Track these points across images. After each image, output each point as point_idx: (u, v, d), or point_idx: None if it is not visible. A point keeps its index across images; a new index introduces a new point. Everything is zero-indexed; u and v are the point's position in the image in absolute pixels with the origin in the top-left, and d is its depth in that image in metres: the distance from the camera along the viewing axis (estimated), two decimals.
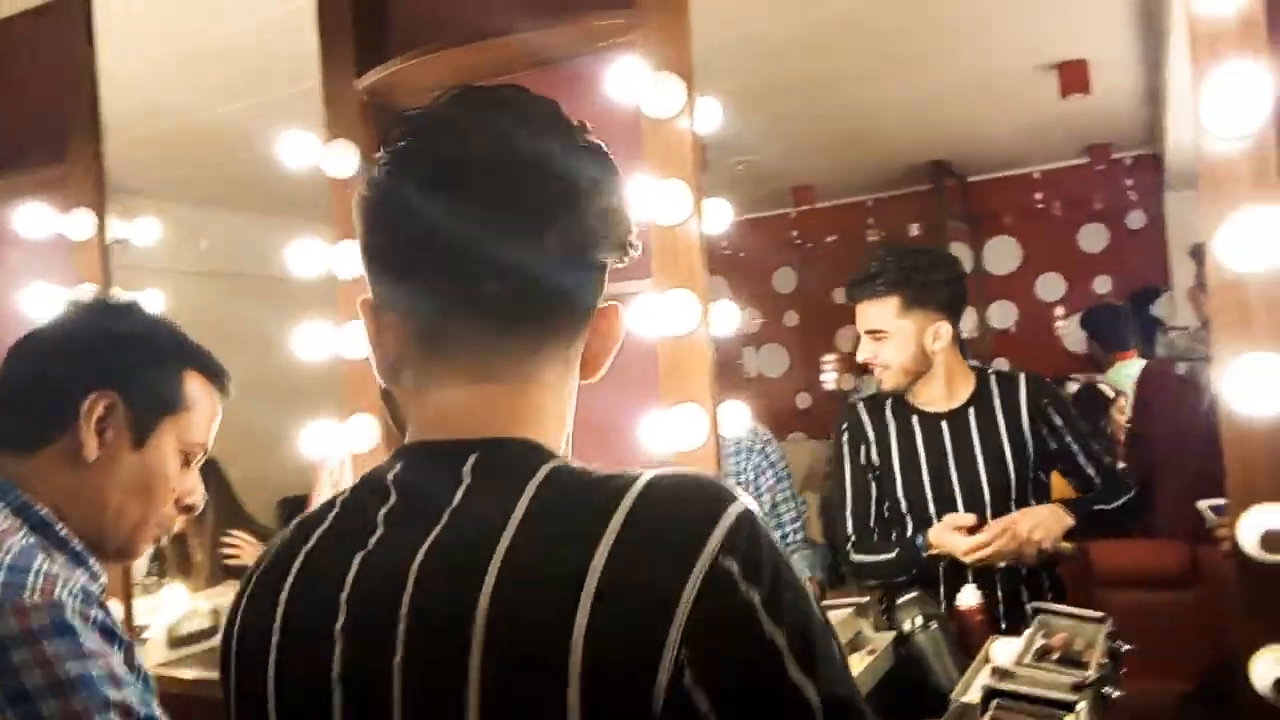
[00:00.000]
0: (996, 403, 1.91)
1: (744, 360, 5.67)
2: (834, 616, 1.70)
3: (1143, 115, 3.69)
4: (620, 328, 0.76)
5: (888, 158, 4.40)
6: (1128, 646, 1.48)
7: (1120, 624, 1.50)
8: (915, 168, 4.59)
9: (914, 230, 4.86)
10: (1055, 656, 1.47)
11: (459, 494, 0.64)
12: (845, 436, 1.99)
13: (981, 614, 1.71)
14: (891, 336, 1.87)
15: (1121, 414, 2.92)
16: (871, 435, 1.96)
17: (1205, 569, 2.16)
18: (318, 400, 1.92)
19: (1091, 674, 1.38)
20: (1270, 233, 1.24)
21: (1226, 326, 1.28)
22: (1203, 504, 1.42)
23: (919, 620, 1.60)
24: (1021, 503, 1.85)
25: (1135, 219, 4.71)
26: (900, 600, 1.66)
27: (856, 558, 1.93)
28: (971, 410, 1.91)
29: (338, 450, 1.88)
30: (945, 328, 1.88)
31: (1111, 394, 3.10)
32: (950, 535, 1.78)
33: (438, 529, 0.64)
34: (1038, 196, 4.96)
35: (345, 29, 1.75)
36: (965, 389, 1.92)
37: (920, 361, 1.89)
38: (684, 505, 0.60)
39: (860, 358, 1.91)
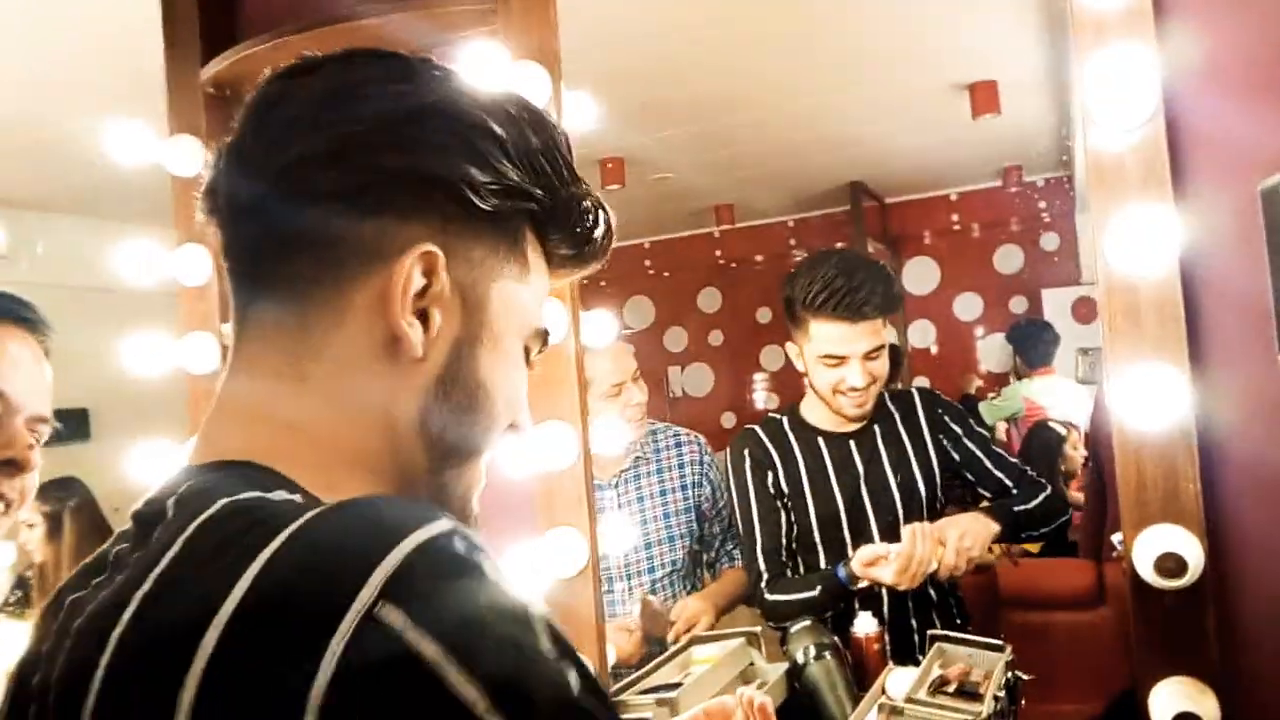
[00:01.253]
0: (897, 419, 1.82)
1: (669, 380, 5.61)
2: (724, 646, 1.59)
3: (1053, 138, 3.72)
4: (409, 280, 0.59)
5: (806, 178, 4.40)
6: (1027, 677, 1.40)
7: (1027, 646, 1.43)
8: (835, 189, 4.58)
9: None
10: (952, 688, 1.39)
11: (156, 536, 0.53)
12: (748, 464, 1.85)
13: (879, 642, 1.62)
14: (883, 352, 1.74)
15: (1076, 449, 2.83)
16: (777, 460, 1.83)
17: (1112, 588, 2.11)
18: (165, 419, 1.75)
19: (984, 710, 1.30)
20: (1161, 232, 1.17)
21: (1117, 334, 1.21)
22: (1115, 537, 1.34)
23: (811, 650, 1.50)
24: (934, 519, 1.74)
25: (1049, 241, 4.75)
26: (793, 629, 1.55)
27: (773, 598, 1.77)
28: (877, 428, 1.82)
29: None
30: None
31: (1063, 431, 3.01)
32: (875, 569, 1.64)
33: (118, 578, 0.52)
34: (954, 218, 4.99)
35: (189, 15, 1.61)
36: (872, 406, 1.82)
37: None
38: (341, 543, 0.46)
39: (861, 383, 1.71)
